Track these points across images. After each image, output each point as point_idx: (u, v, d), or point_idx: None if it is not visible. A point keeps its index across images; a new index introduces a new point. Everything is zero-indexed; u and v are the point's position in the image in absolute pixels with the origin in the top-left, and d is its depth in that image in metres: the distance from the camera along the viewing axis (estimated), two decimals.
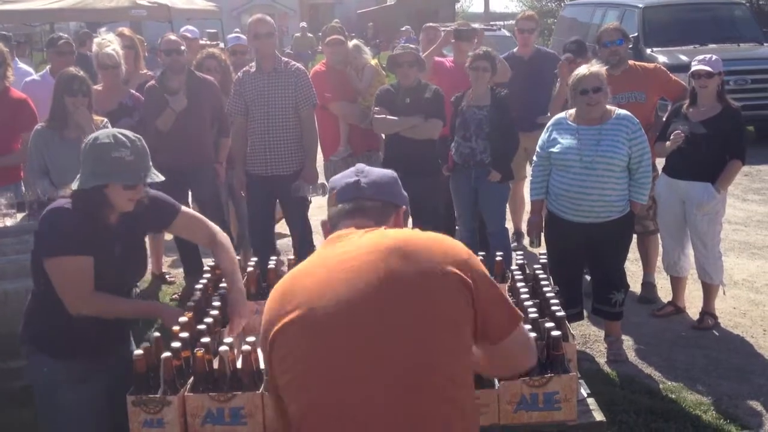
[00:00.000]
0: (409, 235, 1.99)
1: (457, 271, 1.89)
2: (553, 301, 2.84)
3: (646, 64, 5.70)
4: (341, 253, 1.93)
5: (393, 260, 1.87)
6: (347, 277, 1.87)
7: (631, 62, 5.72)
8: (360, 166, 2.17)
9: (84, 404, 2.92)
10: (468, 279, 1.89)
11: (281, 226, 6.38)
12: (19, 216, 4.59)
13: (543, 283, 3.10)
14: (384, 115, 5.44)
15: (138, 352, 2.56)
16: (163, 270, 6.59)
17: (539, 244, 5.03)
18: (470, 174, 5.57)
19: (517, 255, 3.53)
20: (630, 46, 10.84)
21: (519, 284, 3.08)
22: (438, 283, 1.87)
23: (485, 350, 2.02)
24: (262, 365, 2.62)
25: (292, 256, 3.63)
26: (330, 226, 2.11)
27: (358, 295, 1.84)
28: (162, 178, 2.86)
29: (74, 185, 2.82)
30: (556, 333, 2.54)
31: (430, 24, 7.21)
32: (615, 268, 4.81)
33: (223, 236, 3.20)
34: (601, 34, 5.73)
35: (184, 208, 3.18)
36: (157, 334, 2.76)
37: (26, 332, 3.00)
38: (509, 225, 6.54)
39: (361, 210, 2.08)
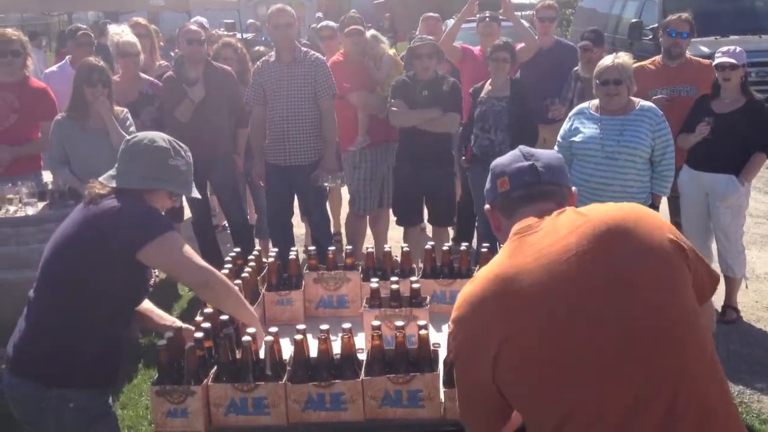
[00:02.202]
0: (608, 211, 1.85)
1: (673, 236, 1.80)
2: None
3: (702, 60, 5.61)
4: (551, 244, 1.79)
5: (616, 243, 1.75)
6: (575, 269, 1.73)
7: (688, 56, 5.66)
8: (524, 148, 2.03)
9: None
10: (681, 242, 1.80)
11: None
12: (40, 205, 4.61)
13: None
14: (401, 108, 5.42)
15: (162, 342, 2.56)
16: None
17: None
18: (489, 166, 5.52)
19: None
20: (649, 37, 10.70)
21: None
22: (672, 256, 1.76)
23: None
24: (285, 356, 2.63)
25: (312, 247, 3.62)
26: (503, 215, 1.99)
27: (596, 287, 1.72)
28: (199, 195, 2.82)
29: (113, 182, 2.61)
30: None
31: (430, 14, 7.13)
32: None
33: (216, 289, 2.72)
34: (669, 22, 5.63)
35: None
36: (179, 324, 2.77)
37: (38, 367, 2.56)
38: None
39: (542, 195, 1.94)
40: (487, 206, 2.05)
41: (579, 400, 1.70)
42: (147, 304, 2.86)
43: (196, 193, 2.77)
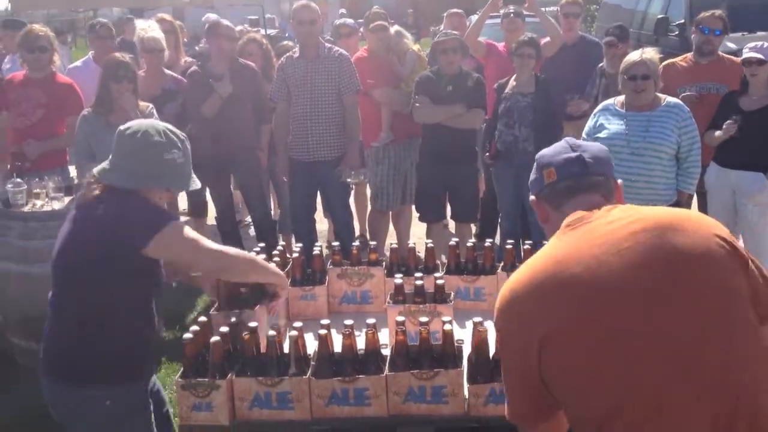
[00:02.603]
0: (661, 209, 1.89)
1: (728, 240, 1.78)
2: None
3: (734, 58, 5.54)
4: (602, 236, 1.78)
5: (672, 238, 1.74)
6: (627, 262, 1.72)
7: (720, 53, 5.60)
8: (570, 140, 2.03)
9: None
10: (739, 249, 1.79)
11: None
12: (66, 200, 4.66)
13: None
14: (425, 104, 5.41)
15: (187, 336, 2.57)
16: None
17: None
18: (513, 162, 5.52)
19: None
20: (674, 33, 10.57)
21: None
22: (723, 257, 1.75)
23: None
24: (309, 350, 2.64)
25: (336, 243, 3.62)
26: (550, 206, 1.98)
27: (649, 280, 1.71)
28: (199, 185, 2.71)
29: (108, 178, 2.55)
30: None
31: (454, 10, 7.11)
32: None
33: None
34: (702, 18, 5.57)
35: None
36: (203, 318, 2.78)
37: (63, 367, 2.56)
38: None
39: (590, 186, 1.94)
40: (532, 197, 2.04)
41: (630, 393, 1.68)
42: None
43: (194, 185, 2.67)
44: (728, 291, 1.74)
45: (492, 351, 2.54)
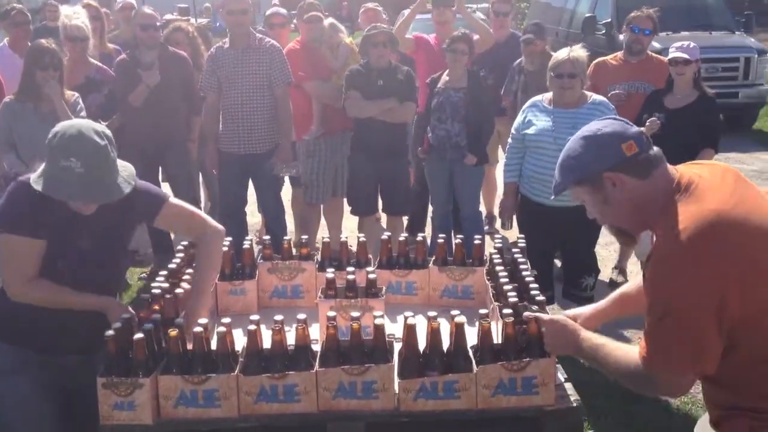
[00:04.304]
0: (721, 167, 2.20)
1: None
2: (532, 285, 2.83)
3: (662, 57, 5.64)
4: (735, 189, 2.03)
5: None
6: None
7: (649, 53, 5.71)
8: (618, 118, 2.28)
9: (32, 395, 2.75)
10: None
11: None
12: None
13: (522, 267, 3.08)
14: (357, 98, 5.39)
15: (109, 332, 2.49)
16: (133, 248, 6.47)
17: (510, 227, 5.04)
18: (445, 156, 5.55)
19: (495, 239, 3.50)
20: (603, 32, 10.86)
21: (498, 268, 3.06)
22: None
23: None
24: (237, 347, 2.59)
25: (267, 237, 3.56)
26: (636, 176, 2.10)
27: None
28: (126, 191, 2.60)
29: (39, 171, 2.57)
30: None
31: (370, 5, 7.06)
32: (586, 252, 4.83)
33: (214, 233, 2.96)
34: (632, 18, 5.64)
35: (172, 199, 2.93)
36: (126, 315, 2.69)
37: None
38: (481, 208, 6.54)
39: (663, 155, 2.15)
40: (607, 173, 2.12)
41: None
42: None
43: (107, 198, 2.60)
44: None
45: (422, 345, 2.53)
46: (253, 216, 6.68)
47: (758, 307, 1.94)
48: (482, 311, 2.63)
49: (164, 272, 3.05)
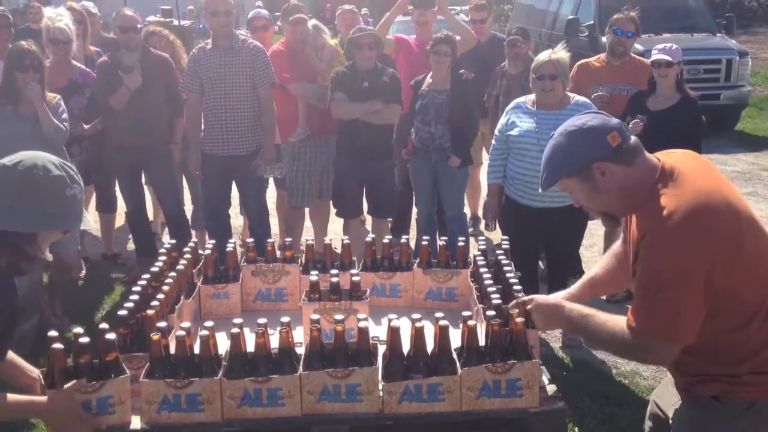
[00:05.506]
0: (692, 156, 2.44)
1: None
2: (516, 287, 2.83)
3: (644, 59, 5.66)
4: (707, 176, 2.25)
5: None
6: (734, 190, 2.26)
7: (632, 55, 5.72)
8: (596, 110, 2.47)
9: None
10: None
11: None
12: None
13: (506, 268, 3.08)
14: (343, 100, 5.38)
15: (83, 340, 2.41)
16: (116, 251, 6.44)
17: (494, 228, 5.05)
18: (429, 158, 5.55)
19: (480, 241, 3.51)
20: (585, 34, 10.88)
21: (482, 270, 3.06)
22: None
23: None
24: (221, 351, 2.57)
25: (251, 240, 3.55)
26: (624, 164, 2.24)
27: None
28: (91, 225, 2.48)
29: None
30: (519, 319, 2.53)
31: (347, 7, 7.02)
32: (570, 254, 4.84)
33: None
34: (615, 20, 5.66)
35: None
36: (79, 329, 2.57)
37: None
38: (466, 210, 6.55)
39: (641, 143, 2.32)
40: (596, 163, 2.24)
41: None
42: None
43: (86, 225, 2.43)
44: None
45: (407, 348, 2.53)
46: (237, 218, 6.65)
47: (739, 277, 2.13)
48: (466, 313, 2.63)
49: (146, 276, 3.03)
